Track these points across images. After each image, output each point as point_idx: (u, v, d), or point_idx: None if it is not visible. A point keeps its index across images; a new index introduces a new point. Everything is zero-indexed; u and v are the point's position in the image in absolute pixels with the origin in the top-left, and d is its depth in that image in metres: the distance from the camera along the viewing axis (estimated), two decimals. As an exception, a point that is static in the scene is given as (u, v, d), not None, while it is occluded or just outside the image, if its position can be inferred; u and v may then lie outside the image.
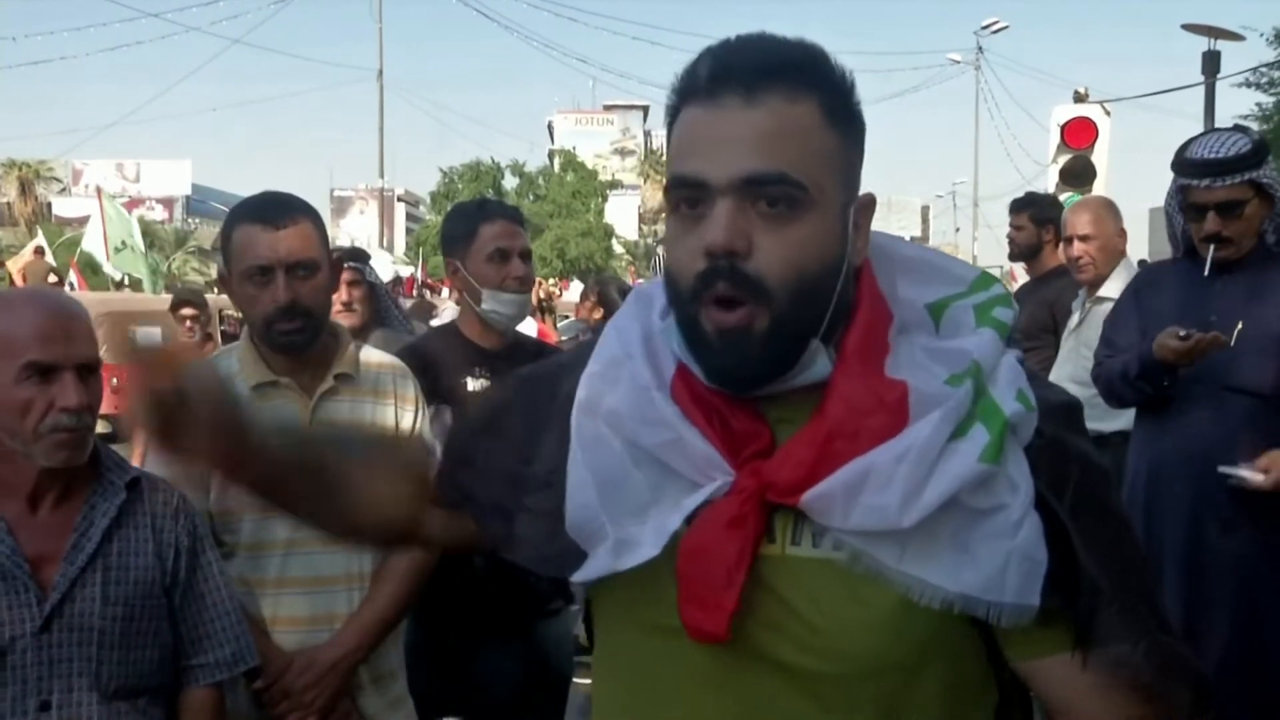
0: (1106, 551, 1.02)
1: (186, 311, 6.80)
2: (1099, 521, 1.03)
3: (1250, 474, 2.71)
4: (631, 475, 1.05)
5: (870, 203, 1.06)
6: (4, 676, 1.67)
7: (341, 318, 4.00)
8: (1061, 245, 4.18)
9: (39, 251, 16.61)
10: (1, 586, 1.69)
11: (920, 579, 0.97)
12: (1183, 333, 2.76)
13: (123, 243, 14.80)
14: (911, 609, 0.98)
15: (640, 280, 15.18)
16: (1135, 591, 1.03)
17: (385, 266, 5.11)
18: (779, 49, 1.02)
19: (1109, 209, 4.09)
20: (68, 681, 1.70)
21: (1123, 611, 1.01)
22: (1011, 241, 4.84)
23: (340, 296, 4.00)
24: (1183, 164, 2.89)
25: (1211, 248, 2.86)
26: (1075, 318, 4.07)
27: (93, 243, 15.27)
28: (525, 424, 1.18)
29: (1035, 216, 4.72)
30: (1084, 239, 3.93)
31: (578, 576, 1.06)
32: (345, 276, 4.03)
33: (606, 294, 6.29)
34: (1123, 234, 4.03)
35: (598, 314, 6.31)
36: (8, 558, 1.70)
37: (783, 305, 0.98)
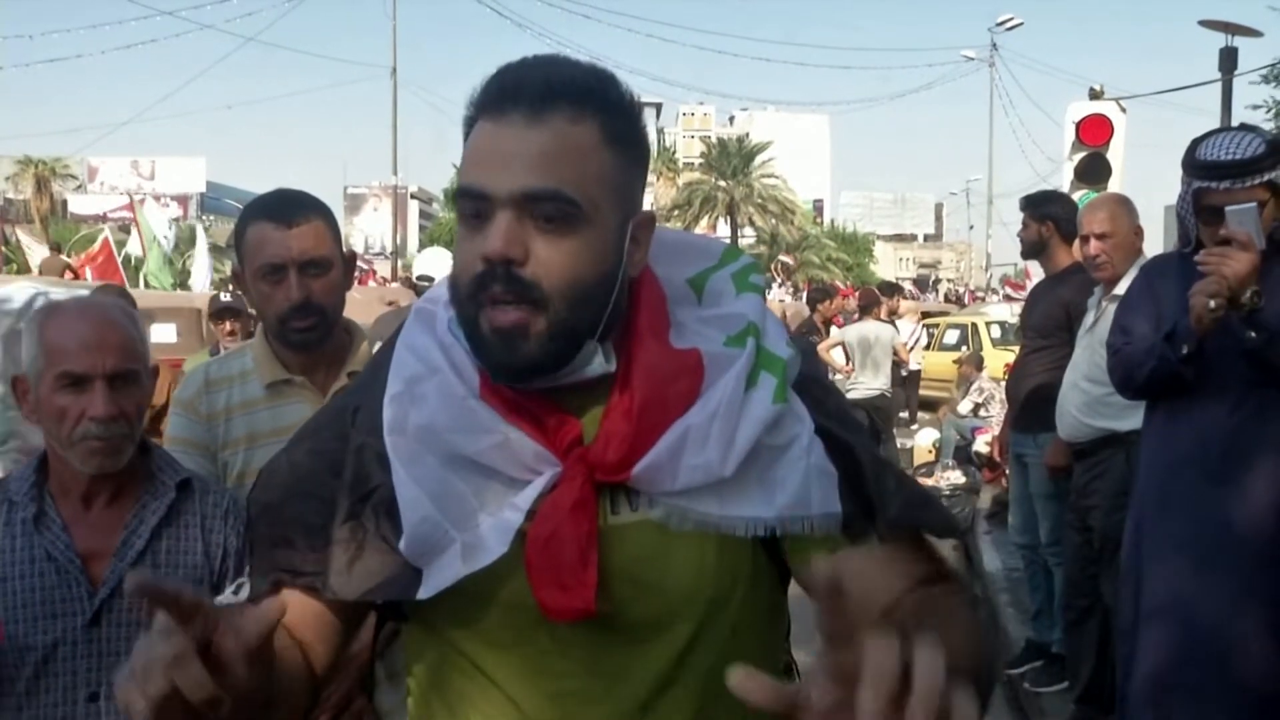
0: (869, 449, 1.19)
1: None
2: (855, 429, 1.20)
3: None
4: (453, 486, 1.10)
5: (650, 220, 1.14)
6: (56, 667, 1.74)
7: None
8: (1078, 243, 4.15)
9: (55, 249, 16.80)
10: (56, 580, 1.76)
11: (741, 516, 1.10)
12: (1213, 304, 2.69)
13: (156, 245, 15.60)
14: (721, 544, 1.12)
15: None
16: (897, 470, 1.19)
17: (445, 264, 5.14)
18: (567, 72, 1.09)
19: (1124, 206, 4.04)
20: (115, 674, 1.73)
21: (900, 487, 1.15)
22: (1020, 240, 4.84)
23: None
24: (1199, 165, 2.83)
25: None
26: (1090, 316, 4.04)
27: (134, 246, 16.00)
28: (323, 470, 1.18)
29: (1034, 214, 4.70)
30: (1100, 237, 3.88)
31: (426, 591, 1.09)
32: None
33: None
34: (1139, 231, 3.98)
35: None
36: (62, 553, 1.77)
37: (558, 309, 1.06)
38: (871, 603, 1.10)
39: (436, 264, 5.39)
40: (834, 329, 10.38)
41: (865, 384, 9.36)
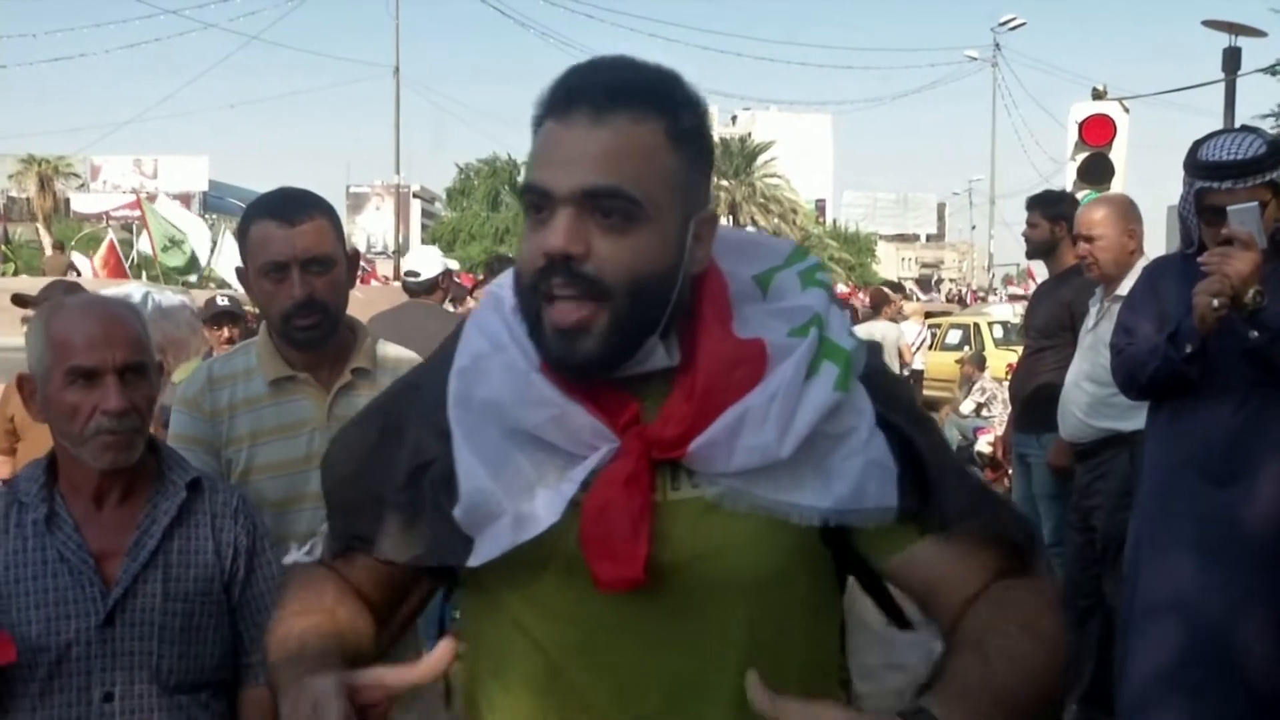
0: (936, 446, 1.20)
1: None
2: (922, 425, 1.21)
3: None
4: (513, 458, 1.13)
5: (712, 219, 1.17)
6: (69, 667, 1.74)
7: None
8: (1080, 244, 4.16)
9: (58, 247, 16.84)
10: (69, 580, 1.76)
11: (796, 503, 1.12)
12: (1216, 303, 2.69)
13: (170, 241, 15.54)
14: (777, 526, 1.13)
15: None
16: (960, 470, 1.21)
17: (435, 261, 5.25)
18: (633, 73, 1.13)
19: (1118, 208, 4.05)
20: (129, 674, 1.76)
21: (961, 488, 1.18)
22: (1027, 240, 4.83)
23: None
24: (1201, 166, 2.85)
25: None
26: (1092, 316, 4.05)
27: (144, 244, 15.97)
28: (389, 442, 1.25)
29: (1047, 213, 4.71)
30: (1089, 239, 3.94)
31: (476, 559, 1.13)
32: None
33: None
34: (1132, 234, 3.96)
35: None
36: (74, 553, 1.77)
37: (620, 304, 1.09)
38: (951, 596, 1.16)
39: (424, 260, 5.54)
40: None
41: None
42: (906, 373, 12.65)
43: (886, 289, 12.08)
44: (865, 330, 9.73)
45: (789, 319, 1.17)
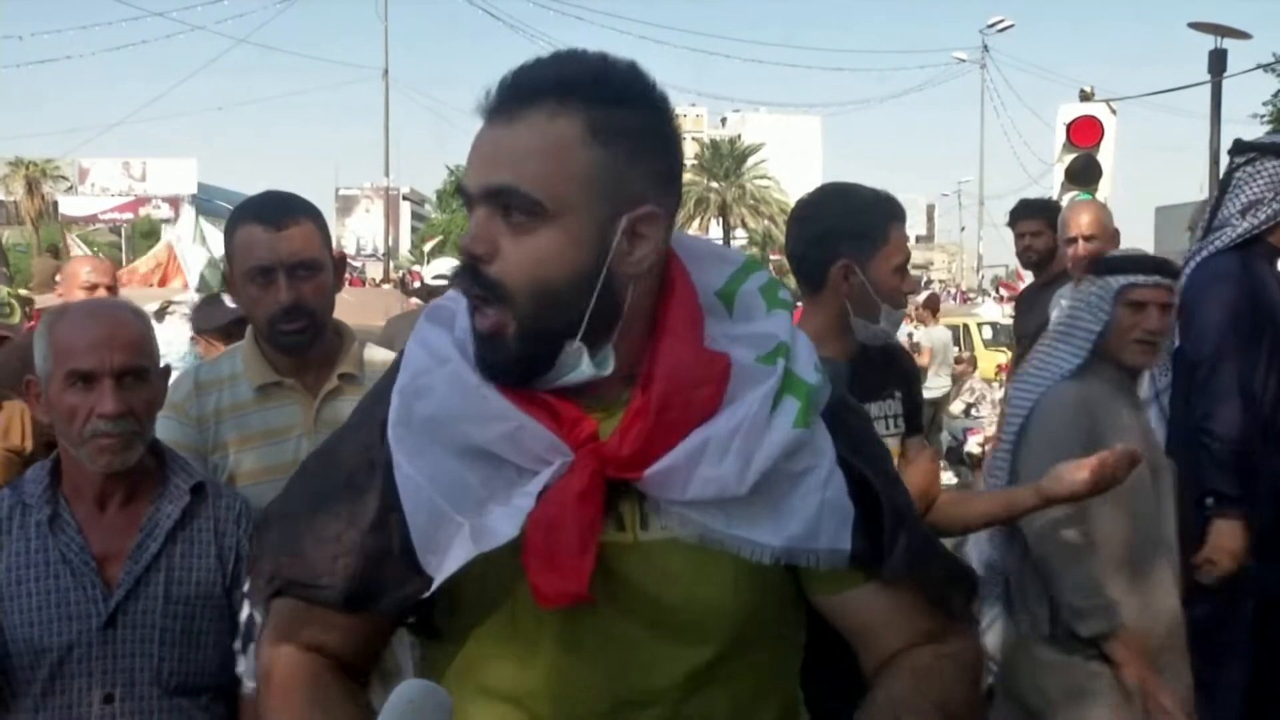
0: (891, 489, 1.17)
1: None
2: (877, 464, 1.18)
3: None
4: (460, 476, 1.09)
5: (652, 216, 1.08)
6: (71, 669, 1.75)
7: None
8: (1063, 246, 4.22)
9: (51, 251, 16.72)
10: (71, 582, 1.77)
11: (749, 539, 1.08)
12: None
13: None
14: (747, 568, 1.10)
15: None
16: (912, 517, 1.18)
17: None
18: (558, 67, 1.08)
19: (1105, 209, 4.27)
20: (130, 676, 1.77)
21: (910, 537, 1.15)
22: (1028, 249, 4.78)
23: None
24: None
25: None
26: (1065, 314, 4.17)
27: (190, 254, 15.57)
28: (337, 489, 1.16)
29: (1050, 220, 4.71)
30: (1089, 239, 4.04)
31: (441, 574, 1.07)
32: None
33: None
34: (1118, 233, 4.21)
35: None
36: (77, 555, 1.78)
37: (524, 309, 1.06)
38: (881, 645, 1.16)
39: (437, 268, 5.75)
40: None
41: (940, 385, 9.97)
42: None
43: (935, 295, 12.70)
44: (923, 335, 10.22)
45: (756, 345, 1.12)
